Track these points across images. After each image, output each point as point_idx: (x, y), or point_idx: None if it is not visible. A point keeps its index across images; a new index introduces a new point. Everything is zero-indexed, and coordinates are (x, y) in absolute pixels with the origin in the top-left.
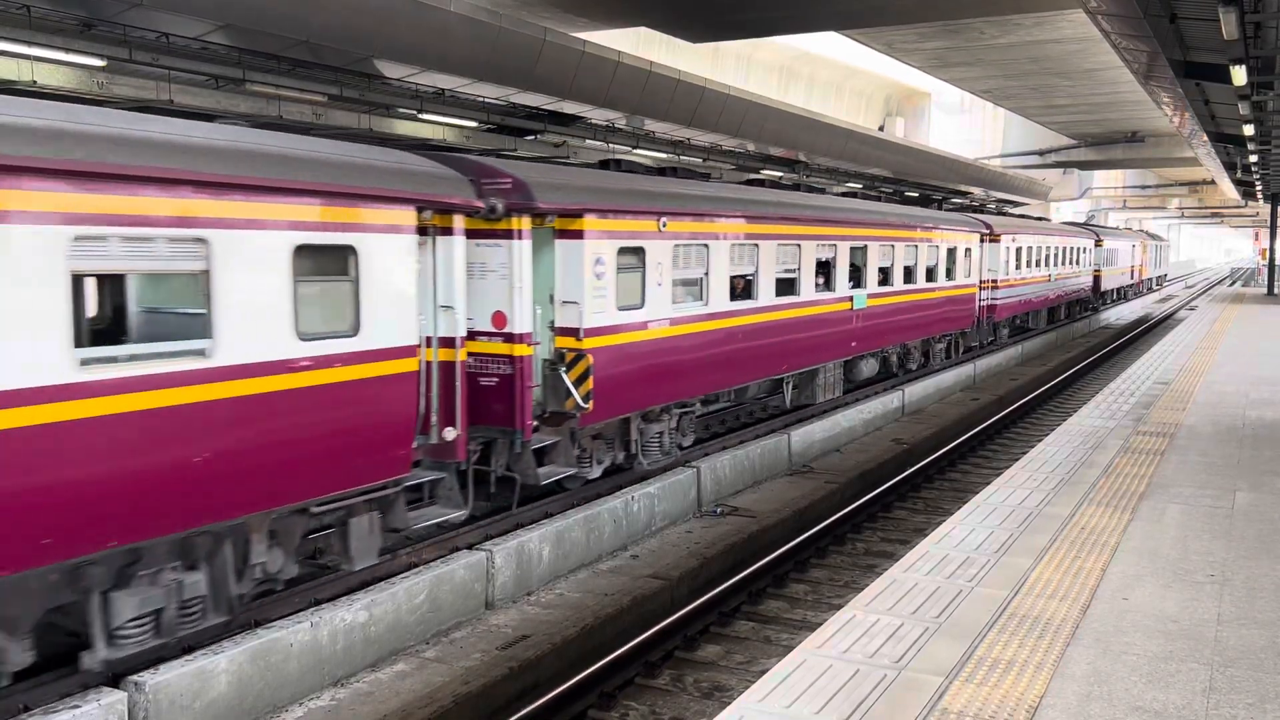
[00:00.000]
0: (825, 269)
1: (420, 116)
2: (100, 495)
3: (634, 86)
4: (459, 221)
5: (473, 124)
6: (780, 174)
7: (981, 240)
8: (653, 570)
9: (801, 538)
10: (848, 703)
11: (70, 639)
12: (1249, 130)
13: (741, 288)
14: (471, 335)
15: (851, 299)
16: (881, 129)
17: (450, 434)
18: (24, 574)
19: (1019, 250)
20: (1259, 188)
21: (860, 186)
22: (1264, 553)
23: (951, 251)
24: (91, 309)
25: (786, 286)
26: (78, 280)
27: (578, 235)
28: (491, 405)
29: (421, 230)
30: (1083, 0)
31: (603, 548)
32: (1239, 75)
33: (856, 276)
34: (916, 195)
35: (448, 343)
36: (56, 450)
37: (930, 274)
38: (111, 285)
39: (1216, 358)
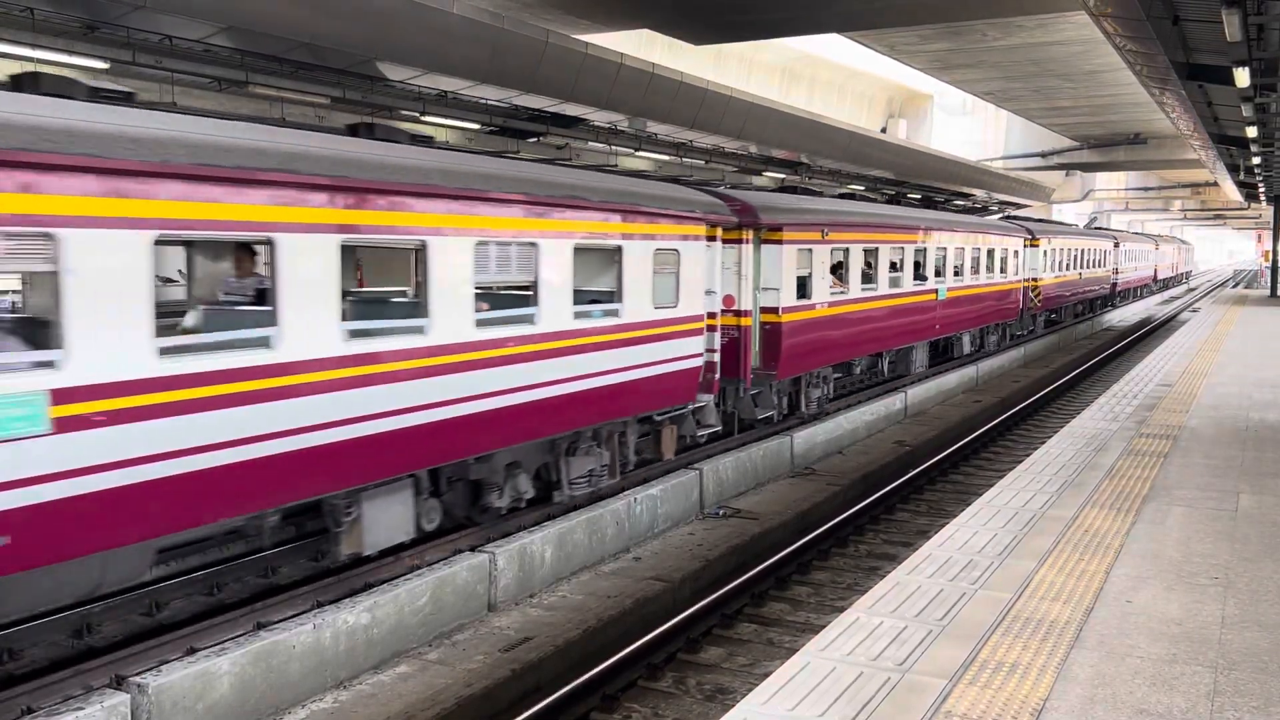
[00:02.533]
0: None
1: (423, 119)
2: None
3: (636, 89)
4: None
5: (475, 126)
6: (784, 175)
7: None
8: (655, 572)
9: (804, 540)
10: (851, 705)
11: (72, 640)
12: (1252, 132)
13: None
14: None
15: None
16: (884, 131)
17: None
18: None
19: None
20: (1262, 190)
21: (862, 188)
22: (1267, 555)
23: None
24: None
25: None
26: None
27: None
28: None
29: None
30: (1085, 2)
31: (605, 549)
32: (1242, 77)
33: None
34: (919, 197)
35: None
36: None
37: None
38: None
39: (1219, 360)
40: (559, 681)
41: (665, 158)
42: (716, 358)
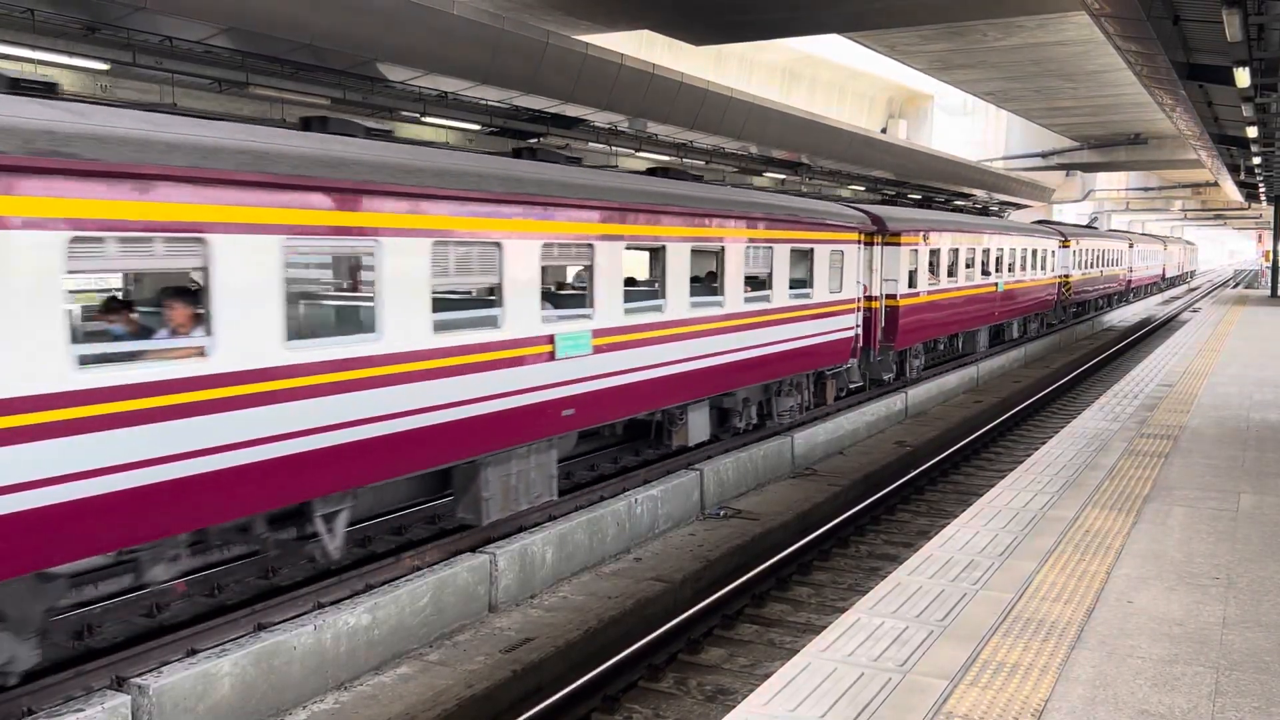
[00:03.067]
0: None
1: (423, 120)
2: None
3: (637, 89)
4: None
5: (475, 127)
6: (784, 176)
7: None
8: (656, 573)
9: (805, 540)
10: (852, 706)
11: (74, 641)
12: (1252, 132)
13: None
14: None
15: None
16: (884, 131)
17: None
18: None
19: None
20: (1262, 190)
21: (863, 189)
22: (1269, 555)
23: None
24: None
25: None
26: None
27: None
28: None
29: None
30: (1085, 2)
31: (606, 550)
32: (1242, 77)
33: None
34: (919, 197)
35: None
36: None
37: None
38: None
39: (1220, 360)
40: (560, 682)
41: (665, 158)
42: (860, 331)
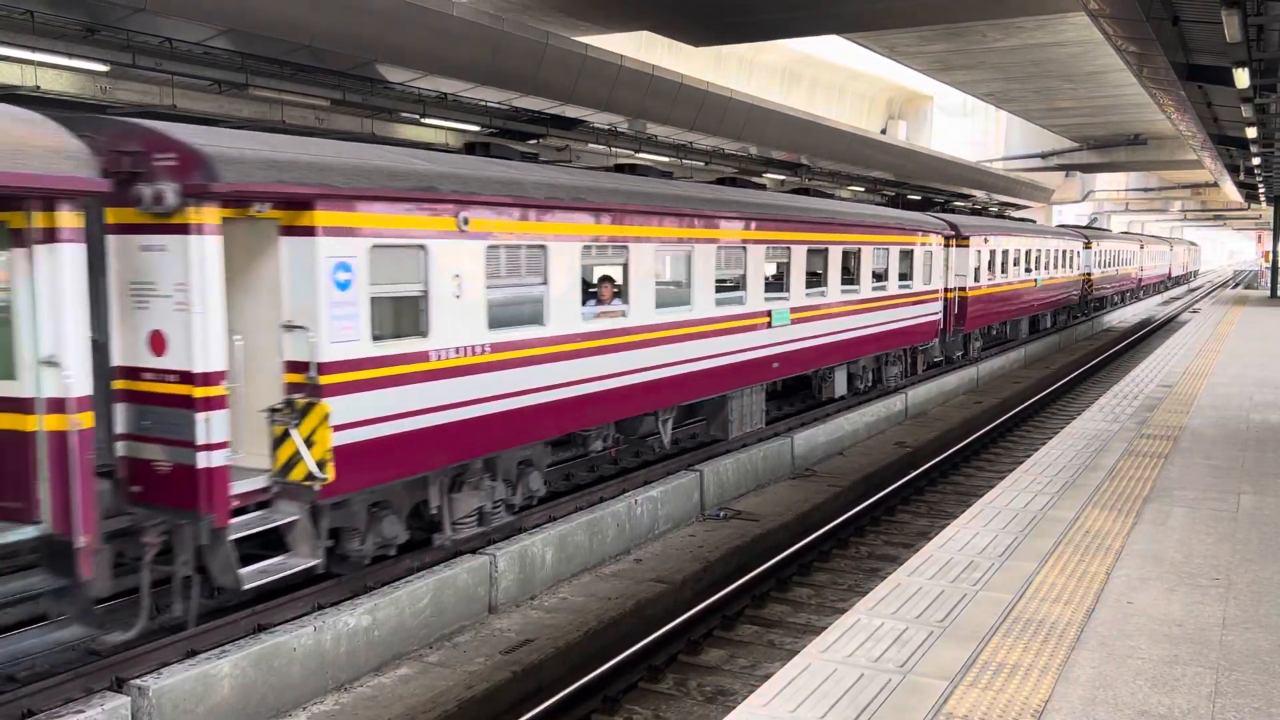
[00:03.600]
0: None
1: (423, 121)
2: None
3: (636, 90)
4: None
5: (475, 128)
6: (784, 177)
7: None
8: (656, 574)
9: (805, 541)
10: (852, 707)
11: (73, 643)
12: (1251, 133)
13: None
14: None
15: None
16: (884, 132)
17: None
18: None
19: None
20: (1261, 190)
21: (863, 189)
22: (1269, 556)
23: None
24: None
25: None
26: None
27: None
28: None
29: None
30: (1085, 3)
31: (606, 551)
32: (1242, 78)
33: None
34: (919, 198)
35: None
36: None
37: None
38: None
39: (1220, 360)
40: (560, 683)
41: (665, 159)
42: (942, 316)
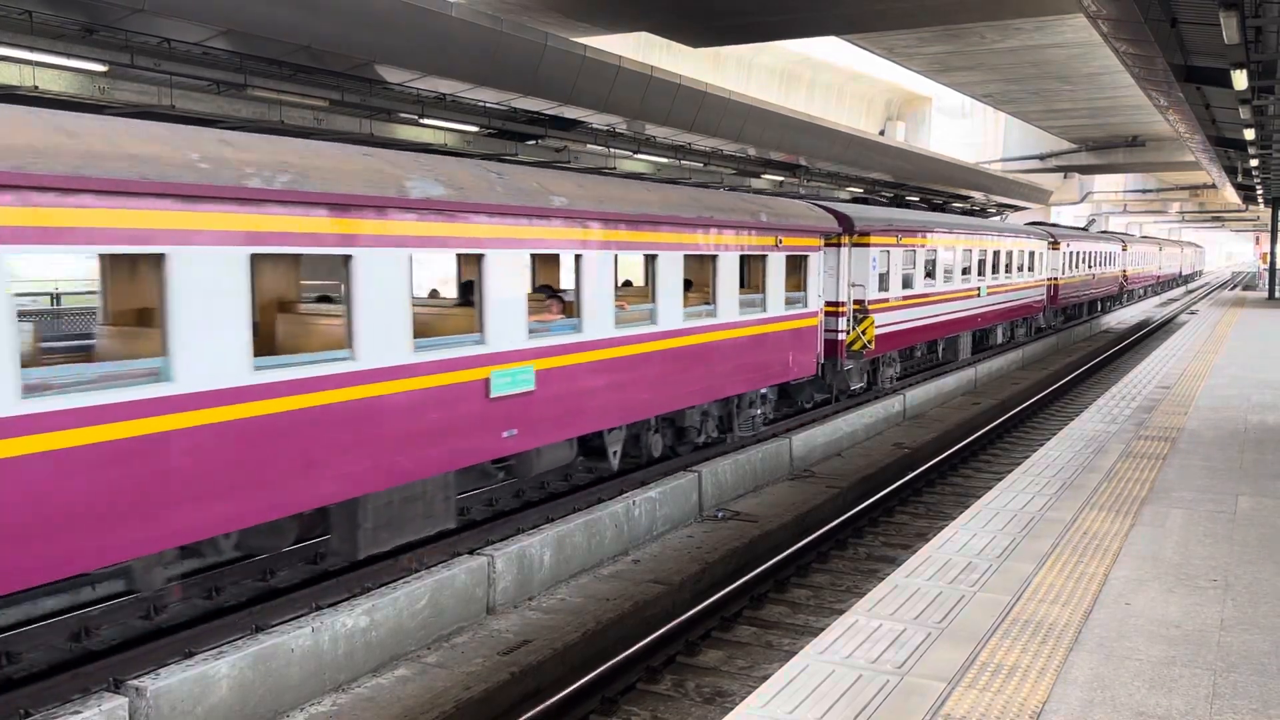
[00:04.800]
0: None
1: (421, 121)
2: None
3: (635, 91)
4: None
5: (473, 129)
6: (782, 178)
7: (1122, 249)
8: (654, 575)
9: (803, 542)
10: (850, 708)
11: (70, 643)
12: (1249, 135)
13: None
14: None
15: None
16: (882, 133)
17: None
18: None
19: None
20: (1260, 192)
21: (861, 190)
22: (1267, 557)
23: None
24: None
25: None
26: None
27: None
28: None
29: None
30: (1083, 4)
31: (604, 552)
32: (1240, 80)
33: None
34: (917, 199)
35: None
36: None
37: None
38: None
39: (1218, 361)
40: (558, 684)
41: (664, 160)
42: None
